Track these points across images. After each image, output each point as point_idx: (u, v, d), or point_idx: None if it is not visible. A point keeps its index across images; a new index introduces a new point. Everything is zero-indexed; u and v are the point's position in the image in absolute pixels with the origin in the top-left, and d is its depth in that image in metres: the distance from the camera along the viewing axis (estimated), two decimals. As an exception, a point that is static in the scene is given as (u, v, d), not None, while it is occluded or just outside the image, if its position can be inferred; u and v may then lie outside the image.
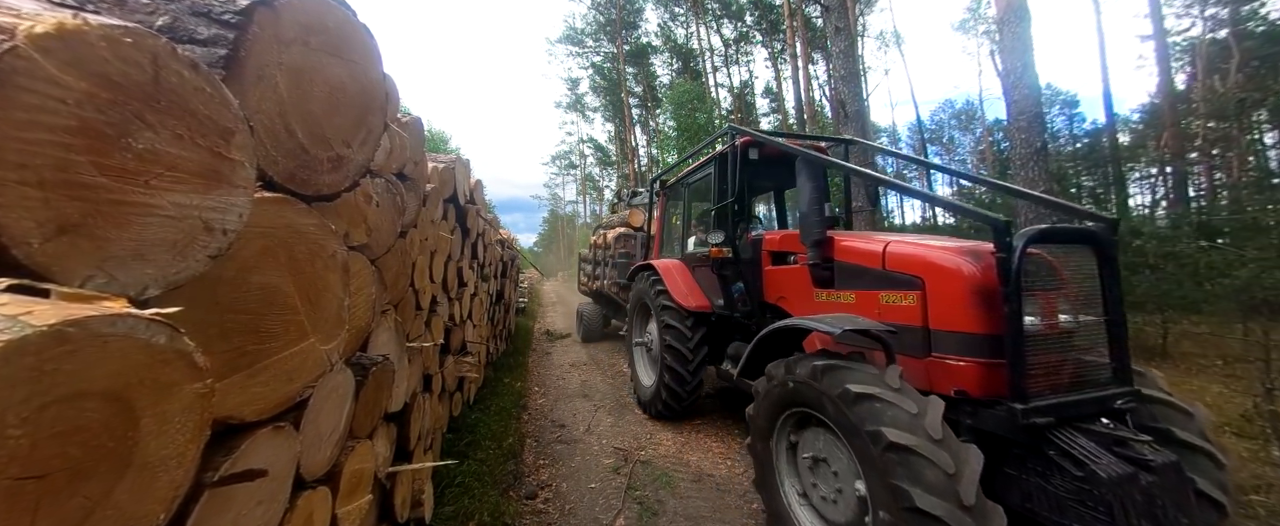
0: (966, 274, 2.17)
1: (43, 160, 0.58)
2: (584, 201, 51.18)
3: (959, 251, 2.30)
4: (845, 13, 8.99)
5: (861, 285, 2.68)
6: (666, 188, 5.62)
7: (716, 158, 4.07)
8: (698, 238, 4.72)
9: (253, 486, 0.96)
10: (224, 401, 0.89)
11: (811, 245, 2.92)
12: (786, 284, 3.34)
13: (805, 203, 2.93)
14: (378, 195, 1.72)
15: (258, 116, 0.95)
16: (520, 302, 11.92)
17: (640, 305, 5.12)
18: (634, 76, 32.01)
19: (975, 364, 2.10)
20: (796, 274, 3.22)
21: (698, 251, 4.43)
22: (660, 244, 5.63)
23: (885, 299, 2.49)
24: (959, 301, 2.17)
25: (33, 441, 0.49)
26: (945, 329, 2.21)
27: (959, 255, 2.26)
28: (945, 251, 2.34)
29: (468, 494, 2.85)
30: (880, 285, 2.53)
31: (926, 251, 2.41)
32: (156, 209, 0.70)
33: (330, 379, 1.25)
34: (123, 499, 0.59)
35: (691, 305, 4.11)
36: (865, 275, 2.65)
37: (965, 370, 2.12)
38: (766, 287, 3.57)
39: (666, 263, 4.70)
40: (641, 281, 5.03)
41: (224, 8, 0.90)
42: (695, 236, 4.82)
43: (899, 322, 2.33)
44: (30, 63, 0.55)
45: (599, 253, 8.70)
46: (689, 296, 4.19)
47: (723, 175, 3.92)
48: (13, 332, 0.46)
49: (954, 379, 2.15)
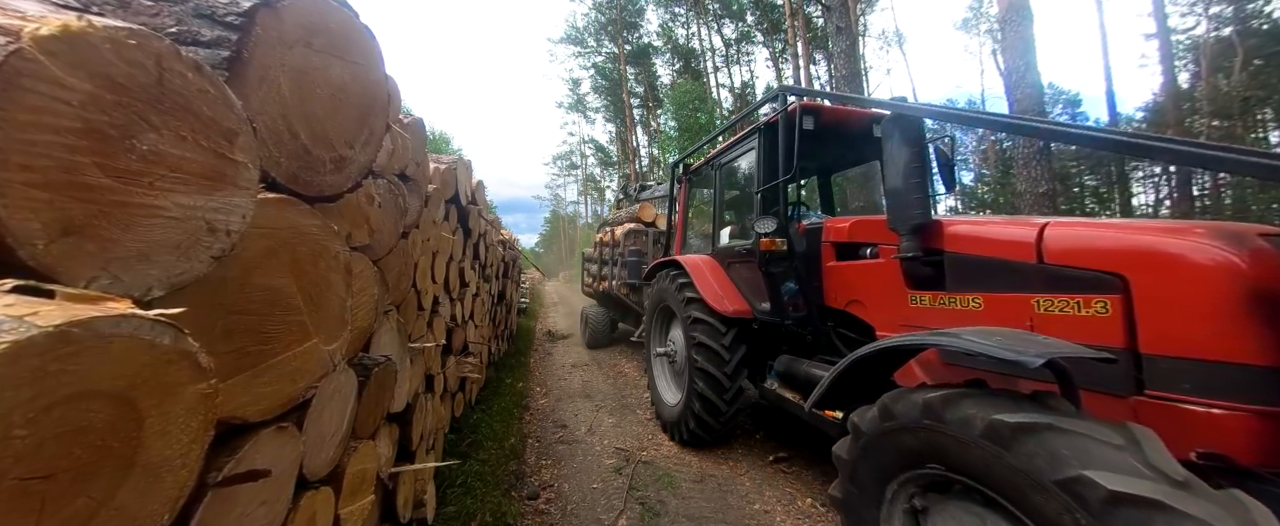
0: (1225, 267, 1.41)
1: (48, 162, 0.58)
2: (586, 201, 51.26)
3: (1196, 232, 1.53)
4: (846, 12, 8.98)
5: (997, 285, 1.99)
6: (691, 172, 4.82)
7: (761, 130, 3.35)
8: (734, 228, 4.10)
9: (256, 486, 0.96)
10: (227, 402, 0.89)
11: (909, 232, 2.27)
12: (862, 283, 2.72)
13: (898, 175, 2.28)
14: (380, 196, 1.72)
15: (261, 118, 0.95)
16: (522, 303, 11.91)
17: (661, 309, 4.44)
18: (635, 77, 32.04)
19: (1244, 413, 1.34)
20: (878, 271, 2.60)
21: (735, 244, 3.77)
22: (683, 237, 4.94)
23: (1044, 306, 1.80)
24: (1211, 310, 1.42)
25: (38, 442, 0.49)
26: (1175, 354, 1.48)
27: (1201, 238, 1.49)
28: (1166, 233, 1.59)
29: (470, 494, 2.86)
30: (1035, 285, 1.85)
31: (1127, 234, 1.69)
32: (160, 210, 0.70)
33: (333, 379, 1.26)
34: (127, 499, 0.59)
35: (729, 309, 3.43)
36: (1004, 271, 1.98)
37: (1223, 422, 1.37)
38: (828, 288, 2.96)
39: (694, 259, 4.02)
40: (663, 281, 4.32)
41: (227, 10, 0.90)
42: (730, 227, 4.15)
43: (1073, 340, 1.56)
44: (35, 64, 0.56)
45: (606, 251, 8.01)
46: (725, 299, 3.52)
47: (772, 149, 3.17)
48: (18, 333, 0.46)
49: (1195, 433, 1.41)
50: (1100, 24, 19.06)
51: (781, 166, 2.95)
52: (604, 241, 8.28)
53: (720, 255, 3.96)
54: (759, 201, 3.23)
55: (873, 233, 2.76)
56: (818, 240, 3.07)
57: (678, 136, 19.87)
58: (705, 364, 3.44)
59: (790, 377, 3.17)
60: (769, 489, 3.21)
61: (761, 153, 3.31)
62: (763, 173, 3.26)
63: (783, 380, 3.29)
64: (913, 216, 2.25)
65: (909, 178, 2.27)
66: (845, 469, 1.86)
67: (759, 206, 3.23)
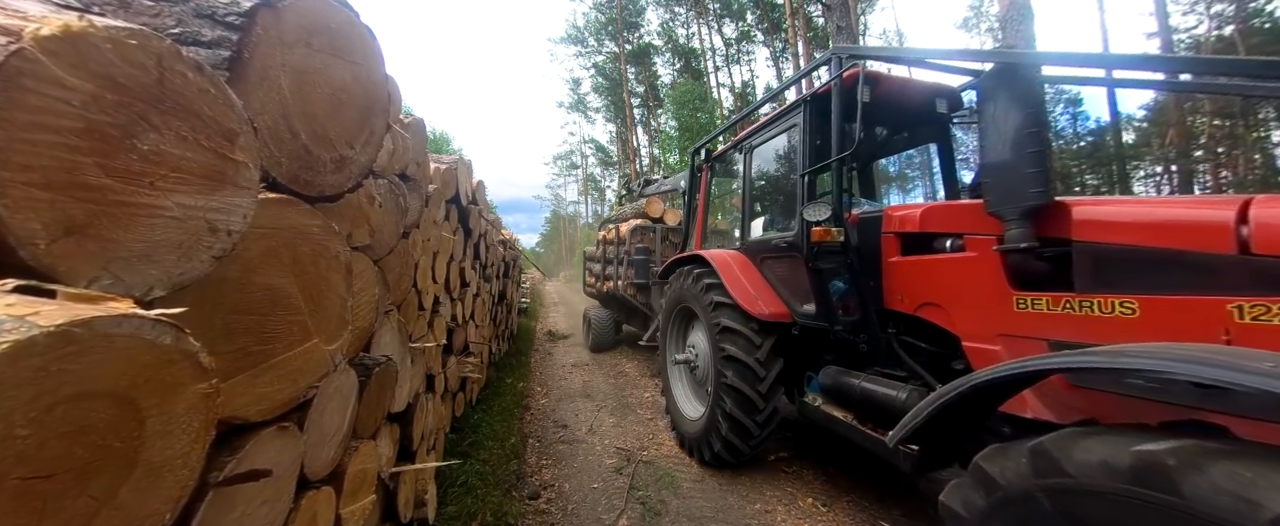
0: None
1: (49, 162, 0.58)
2: (586, 201, 51.26)
3: None
4: (847, 11, 8.98)
5: (1166, 285, 1.54)
6: (713, 159, 4.35)
7: (807, 101, 2.89)
8: (770, 218, 3.62)
9: (257, 486, 0.96)
10: (229, 401, 0.89)
11: (1019, 217, 1.86)
12: (941, 282, 2.29)
13: (1004, 145, 1.89)
14: (380, 196, 1.72)
15: (261, 118, 0.95)
16: (522, 303, 11.92)
17: (680, 311, 3.98)
18: (636, 76, 32.05)
19: None
20: (966, 267, 2.16)
21: (771, 237, 3.29)
22: (703, 231, 4.45)
23: (1250, 314, 1.34)
24: None
25: (40, 441, 0.49)
26: None
27: None
28: None
29: (471, 494, 2.86)
30: (1234, 286, 1.40)
31: None
32: (161, 210, 0.70)
33: (334, 379, 1.26)
34: (129, 498, 0.59)
35: (764, 313, 3.01)
36: (1180, 266, 1.51)
37: None
38: (890, 288, 2.57)
39: (721, 255, 3.56)
40: (683, 279, 3.85)
41: (228, 10, 0.90)
42: (763, 218, 3.67)
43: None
44: (36, 65, 0.56)
45: (610, 249, 7.44)
46: (759, 300, 3.09)
47: (821, 123, 2.80)
48: (20, 333, 0.46)
49: None
50: (1101, 23, 19.05)
51: (836, 143, 2.55)
52: (607, 239, 7.77)
53: (751, 250, 3.48)
54: (805, 186, 2.80)
55: (956, 220, 2.28)
56: (875, 232, 2.64)
57: (678, 136, 19.87)
58: (736, 380, 2.99)
59: (841, 393, 2.72)
60: (769, 488, 3.21)
61: (808, 128, 2.87)
62: (809, 152, 2.84)
63: (830, 395, 2.83)
64: (1026, 196, 1.80)
65: (1021, 147, 1.83)
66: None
67: (805, 192, 2.80)
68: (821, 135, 2.81)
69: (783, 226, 3.36)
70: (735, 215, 4.50)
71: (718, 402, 3.15)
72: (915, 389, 2.30)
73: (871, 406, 2.49)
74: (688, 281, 3.74)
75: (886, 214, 2.65)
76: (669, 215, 7.30)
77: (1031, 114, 1.87)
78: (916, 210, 2.49)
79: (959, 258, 2.23)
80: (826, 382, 2.84)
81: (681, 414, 3.84)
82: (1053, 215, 1.85)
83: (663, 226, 6.89)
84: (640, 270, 6.27)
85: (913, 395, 2.26)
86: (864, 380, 2.57)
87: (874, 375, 2.59)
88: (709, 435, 3.29)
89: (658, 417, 4.65)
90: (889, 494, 3.11)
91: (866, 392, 2.52)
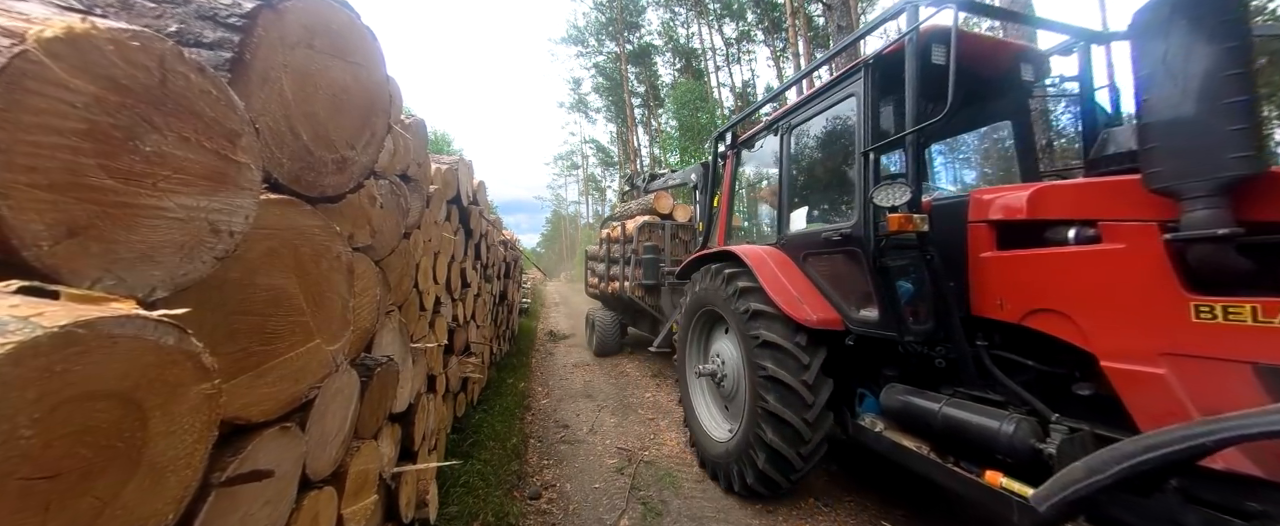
0: None
1: (52, 163, 0.58)
2: (587, 201, 51.28)
3: None
4: (848, 11, 8.97)
5: None
6: (741, 143, 3.84)
7: (870, 65, 2.41)
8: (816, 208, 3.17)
9: (259, 486, 0.96)
10: (231, 402, 0.89)
11: (1212, 192, 1.41)
12: (1065, 283, 1.85)
13: (1185, 95, 1.45)
14: (382, 197, 1.73)
15: (263, 119, 0.95)
16: (523, 303, 11.92)
17: (702, 314, 3.54)
18: (637, 76, 32.07)
19: None
20: (1109, 262, 1.71)
21: (821, 229, 2.77)
22: (728, 225, 3.99)
23: None
24: None
25: (44, 442, 0.50)
26: None
27: None
28: None
29: (472, 494, 2.86)
30: None
31: None
32: (164, 211, 0.70)
33: (335, 379, 1.26)
34: (132, 499, 0.60)
35: (812, 319, 2.58)
36: None
37: None
38: (982, 289, 2.13)
39: (756, 251, 3.10)
40: (708, 280, 3.35)
41: (229, 11, 0.90)
42: (804, 208, 3.19)
43: None
44: (40, 66, 0.56)
45: (615, 248, 6.98)
46: (803, 303, 2.67)
47: (887, 89, 2.38)
48: (24, 334, 0.46)
49: None
50: (1103, 21, 19.02)
51: (912, 112, 2.08)
52: (612, 237, 7.23)
53: (792, 245, 3.00)
54: (868, 167, 2.32)
55: (1088, 202, 1.81)
56: (958, 221, 2.21)
57: (679, 136, 19.88)
58: (778, 406, 2.56)
59: (912, 418, 2.30)
60: (771, 488, 3.21)
61: (870, 97, 2.40)
62: (873, 126, 2.37)
63: (896, 419, 2.40)
64: (1224, 165, 1.36)
65: (1216, 96, 1.38)
66: None
67: (869, 174, 2.32)
68: (891, 103, 2.37)
69: (833, 217, 2.94)
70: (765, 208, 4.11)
71: (754, 428, 2.71)
72: (1024, 420, 1.87)
73: (958, 437, 2.07)
74: (714, 282, 3.24)
75: (975, 199, 2.17)
76: (679, 210, 6.84)
77: (1234, 49, 1.36)
78: (1022, 192, 2.00)
79: (1094, 251, 1.75)
80: (892, 404, 2.39)
81: (704, 432, 3.38)
82: (1267, 190, 1.38)
83: (672, 223, 6.44)
84: (649, 270, 5.82)
85: (1023, 428, 1.84)
86: (947, 405, 2.13)
87: (959, 398, 2.17)
88: (740, 463, 2.85)
89: (659, 417, 4.66)
90: (891, 495, 3.11)
91: (952, 420, 2.08)
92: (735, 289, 2.98)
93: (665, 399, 5.23)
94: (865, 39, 3.19)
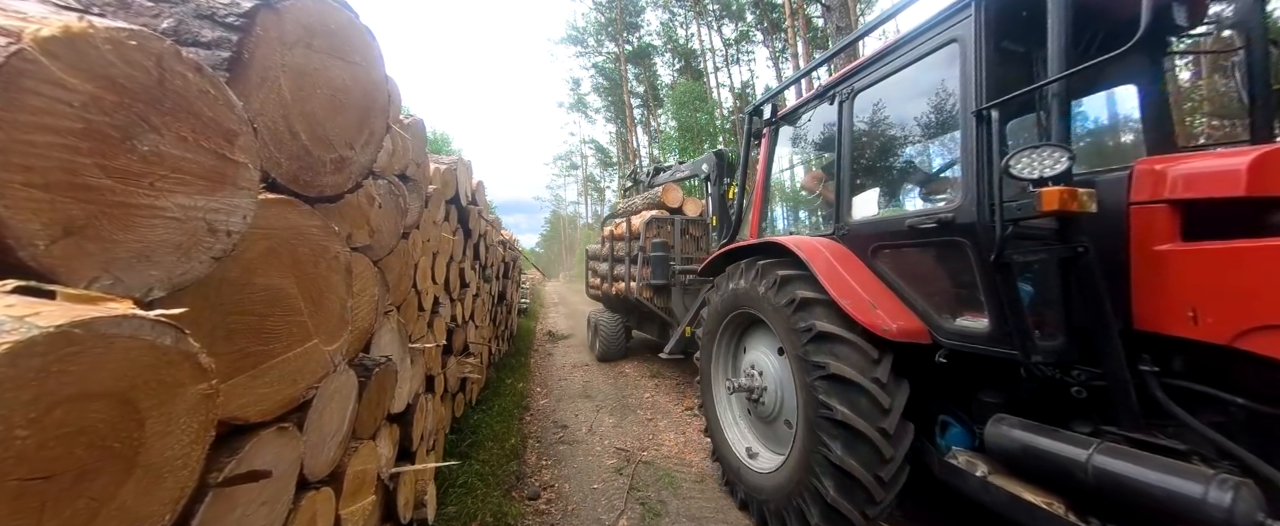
0: None
1: (49, 162, 0.58)
2: (586, 201, 51.29)
3: None
4: (847, 12, 8.99)
5: None
6: (782, 117, 3.29)
7: (980, 1, 1.91)
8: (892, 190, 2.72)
9: (257, 487, 0.96)
10: (228, 402, 0.89)
11: None
12: None
13: None
14: (380, 196, 1.72)
15: (261, 118, 0.95)
16: (522, 303, 11.92)
17: (733, 319, 3.02)
18: (636, 77, 32.09)
19: None
20: None
21: (905, 215, 2.26)
22: (763, 214, 3.43)
23: None
24: None
25: (40, 442, 0.49)
26: None
27: None
28: None
29: (470, 494, 2.86)
30: None
31: None
32: (161, 211, 0.70)
33: (334, 380, 1.26)
34: (128, 500, 0.59)
35: (892, 327, 2.07)
36: None
37: None
38: (1158, 295, 1.64)
39: (810, 243, 2.53)
40: (745, 278, 2.80)
41: (228, 10, 0.90)
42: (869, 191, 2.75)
43: None
44: (37, 66, 0.56)
45: (619, 246, 6.40)
46: (877, 308, 2.15)
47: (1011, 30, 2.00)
48: (20, 334, 0.46)
49: None
50: None
51: (1058, 49, 1.63)
52: (616, 235, 6.61)
53: (858, 236, 2.49)
54: (984, 130, 1.81)
55: None
56: (1114, 203, 1.71)
57: (678, 136, 19.89)
58: (845, 412, 2.03)
59: (1044, 467, 1.76)
60: (770, 489, 3.21)
61: (981, 40, 1.89)
62: (984, 77, 1.85)
63: (1010, 463, 1.88)
64: None
65: None
66: None
67: (983, 138, 1.81)
68: (1014, 47, 1.93)
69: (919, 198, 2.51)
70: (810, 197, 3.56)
71: (815, 446, 2.14)
72: (1242, 483, 1.35)
73: (1123, 499, 1.54)
74: (755, 281, 2.69)
75: (1142, 171, 1.68)
76: (689, 204, 6.30)
77: None
78: (1234, 160, 1.52)
79: None
80: (1004, 443, 1.84)
81: (742, 463, 2.79)
82: None
83: (683, 217, 5.91)
84: (658, 269, 5.29)
85: (1244, 497, 1.32)
86: (1101, 452, 1.59)
87: (1116, 443, 1.64)
88: (800, 497, 2.22)
89: (657, 418, 4.66)
90: (889, 494, 3.10)
91: (1113, 476, 1.54)
92: (790, 297, 2.37)
93: (664, 399, 5.23)
94: (863, 40, 3.16)
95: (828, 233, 2.72)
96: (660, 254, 5.38)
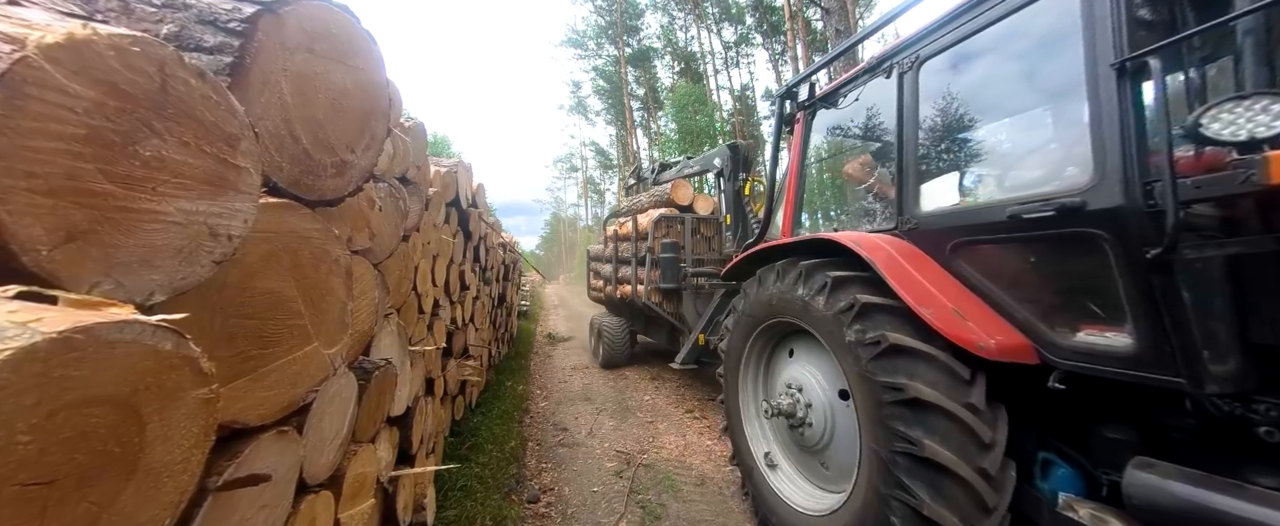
0: None
1: (52, 168, 0.58)
2: (586, 204, 51.31)
3: None
4: (846, 15, 9.01)
5: None
6: (822, 98, 2.87)
7: None
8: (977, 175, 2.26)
9: (256, 491, 0.96)
10: (228, 406, 0.89)
11: None
12: None
13: None
14: (381, 200, 1.73)
15: (263, 123, 0.95)
16: (522, 306, 11.91)
17: (766, 329, 2.63)
18: (636, 79, 32.17)
19: None
20: None
21: (1003, 202, 1.79)
22: (797, 209, 2.99)
23: None
24: None
25: (41, 447, 0.50)
26: None
27: None
28: None
29: (470, 497, 2.85)
30: None
31: None
32: (163, 215, 0.70)
33: (333, 383, 1.26)
34: (129, 504, 0.59)
35: (990, 344, 1.66)
36: None
37: None
38: None
39: (871, 239, 2.14)
40: (782, 281, 2.41)
41: (230, 16, 0.91)
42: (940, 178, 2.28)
43: None
44: (40, 72, 0.56)
45: (624, 247, 6.04)
46: (970, 322, 1.74)
47: None
48: (22, 339, 0.46)
49: None
50: None
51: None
52: (620, 235, 6.25)
53: (931, 231, 2.08)
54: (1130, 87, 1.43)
55: None
56: None
57: (678, 139, 19.92)
58: (936, 448, 1.63)
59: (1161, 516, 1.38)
60: (770, 492, 3.20)
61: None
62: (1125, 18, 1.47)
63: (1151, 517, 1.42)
64: None
65: None
66: None
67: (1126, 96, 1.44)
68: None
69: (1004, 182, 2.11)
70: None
71: (891, 489, 1.74)
72: None
73: None
74: (789, 282, 2.32)
75: None
76: (700, 202, 5.86)
77: None
78: None
79: None
80: (1158, 496, 1.39)
81: (782, 503, 2.38)
82: None
83: (693, 216, 5.50)
84: (667, 271, 4.98)
85: None
86: None
87: None
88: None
89: (657, 420, 4.65)
90: None
91: None
92: (849, 302, 1.97)
93: (663, 402, 5.22)
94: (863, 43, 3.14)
95: (888, 228, 2.27)
96: (670, 255, 5.06)
